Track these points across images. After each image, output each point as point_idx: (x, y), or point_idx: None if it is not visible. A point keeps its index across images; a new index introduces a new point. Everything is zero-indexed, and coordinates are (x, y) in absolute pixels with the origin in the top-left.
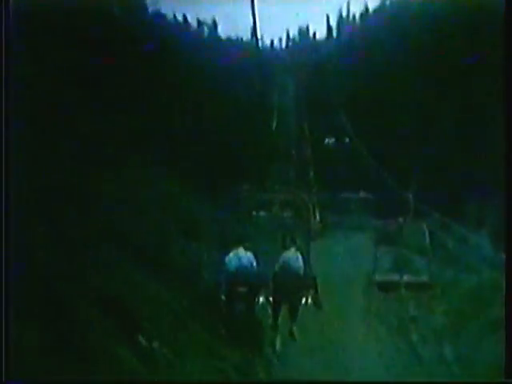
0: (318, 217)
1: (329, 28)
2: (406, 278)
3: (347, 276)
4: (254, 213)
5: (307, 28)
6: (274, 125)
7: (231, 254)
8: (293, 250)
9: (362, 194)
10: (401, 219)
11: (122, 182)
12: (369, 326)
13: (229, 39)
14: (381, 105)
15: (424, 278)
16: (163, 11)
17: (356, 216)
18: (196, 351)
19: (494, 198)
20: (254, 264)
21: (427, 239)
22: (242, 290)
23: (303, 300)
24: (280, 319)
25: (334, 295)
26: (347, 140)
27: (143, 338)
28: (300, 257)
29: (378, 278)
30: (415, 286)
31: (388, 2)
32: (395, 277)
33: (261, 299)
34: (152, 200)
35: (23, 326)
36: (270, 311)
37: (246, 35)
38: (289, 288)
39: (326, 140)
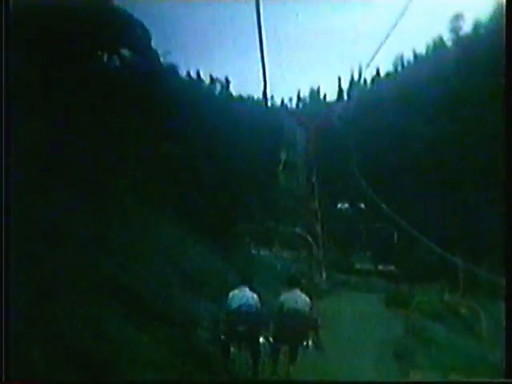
0: (324, 275)
1: (340, 90)
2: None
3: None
4: (255, 252)
5: (318, 89)
6: (282, 179)
7: (235, 292)
8: (296, 290)
9: (381, 267)
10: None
11: (116, 227)
12: None
13: (240, 97)
14: (391, 168)
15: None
16: (176, 64)
17: (365, 277)
18: None
19: None
20: (258, 304)
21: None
22: (243, 328)
23: (304, 342)
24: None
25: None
26: (362, 206)
27: None
28: (303, 298)
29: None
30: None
31: (400, 68)
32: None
33: (261, 339)
34: (147, 245)
35: None
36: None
37: (258, 94)
38: (290, 328)
39: (339, 205)
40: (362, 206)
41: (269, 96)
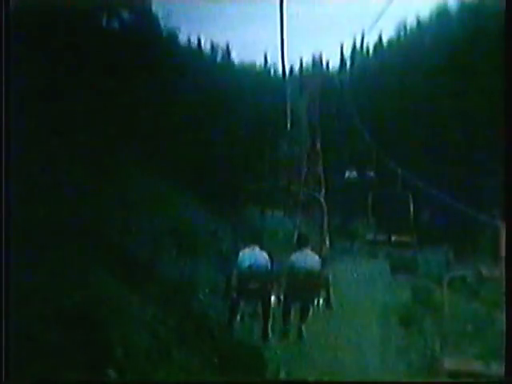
0: (327, 242)
1: (342, 57)
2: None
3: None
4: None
5: (320, 56)
6: (286, 143)
7: (246, 251)
8: (307, 249)
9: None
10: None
11: (112, 183)
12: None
13: (242, 63)
14: (400, 129)
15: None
16: (177, 31)
17: (367, 243)
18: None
19: None
20: (268, 263)
21: None
22: (254, 286)
23: (315, 300)
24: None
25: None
26: (372, 174)
27: (114, 372)
28: (314, 256)
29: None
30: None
31: (402, 34)
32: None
33: (272, 298)
34: (145, 203)
35: None
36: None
37: (260, 60)
38: (301, 287)
39: (347, 173)
40: (372, 174)
41: (271, 63)
